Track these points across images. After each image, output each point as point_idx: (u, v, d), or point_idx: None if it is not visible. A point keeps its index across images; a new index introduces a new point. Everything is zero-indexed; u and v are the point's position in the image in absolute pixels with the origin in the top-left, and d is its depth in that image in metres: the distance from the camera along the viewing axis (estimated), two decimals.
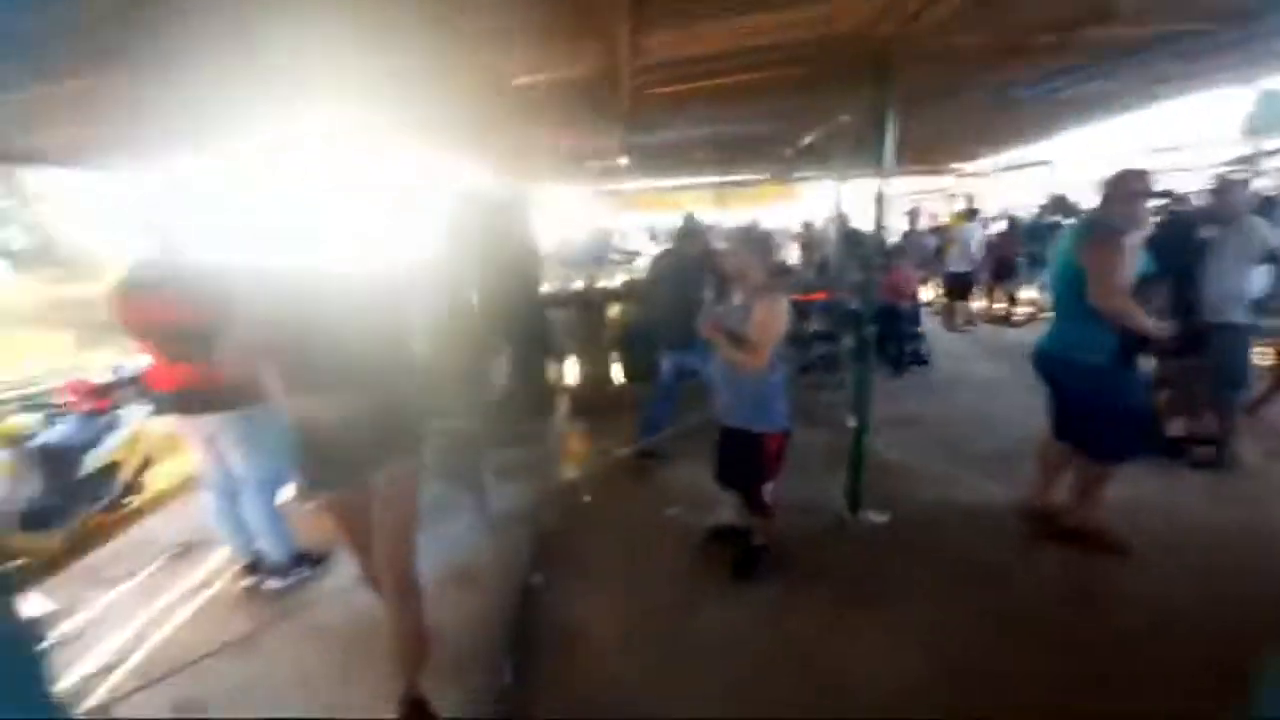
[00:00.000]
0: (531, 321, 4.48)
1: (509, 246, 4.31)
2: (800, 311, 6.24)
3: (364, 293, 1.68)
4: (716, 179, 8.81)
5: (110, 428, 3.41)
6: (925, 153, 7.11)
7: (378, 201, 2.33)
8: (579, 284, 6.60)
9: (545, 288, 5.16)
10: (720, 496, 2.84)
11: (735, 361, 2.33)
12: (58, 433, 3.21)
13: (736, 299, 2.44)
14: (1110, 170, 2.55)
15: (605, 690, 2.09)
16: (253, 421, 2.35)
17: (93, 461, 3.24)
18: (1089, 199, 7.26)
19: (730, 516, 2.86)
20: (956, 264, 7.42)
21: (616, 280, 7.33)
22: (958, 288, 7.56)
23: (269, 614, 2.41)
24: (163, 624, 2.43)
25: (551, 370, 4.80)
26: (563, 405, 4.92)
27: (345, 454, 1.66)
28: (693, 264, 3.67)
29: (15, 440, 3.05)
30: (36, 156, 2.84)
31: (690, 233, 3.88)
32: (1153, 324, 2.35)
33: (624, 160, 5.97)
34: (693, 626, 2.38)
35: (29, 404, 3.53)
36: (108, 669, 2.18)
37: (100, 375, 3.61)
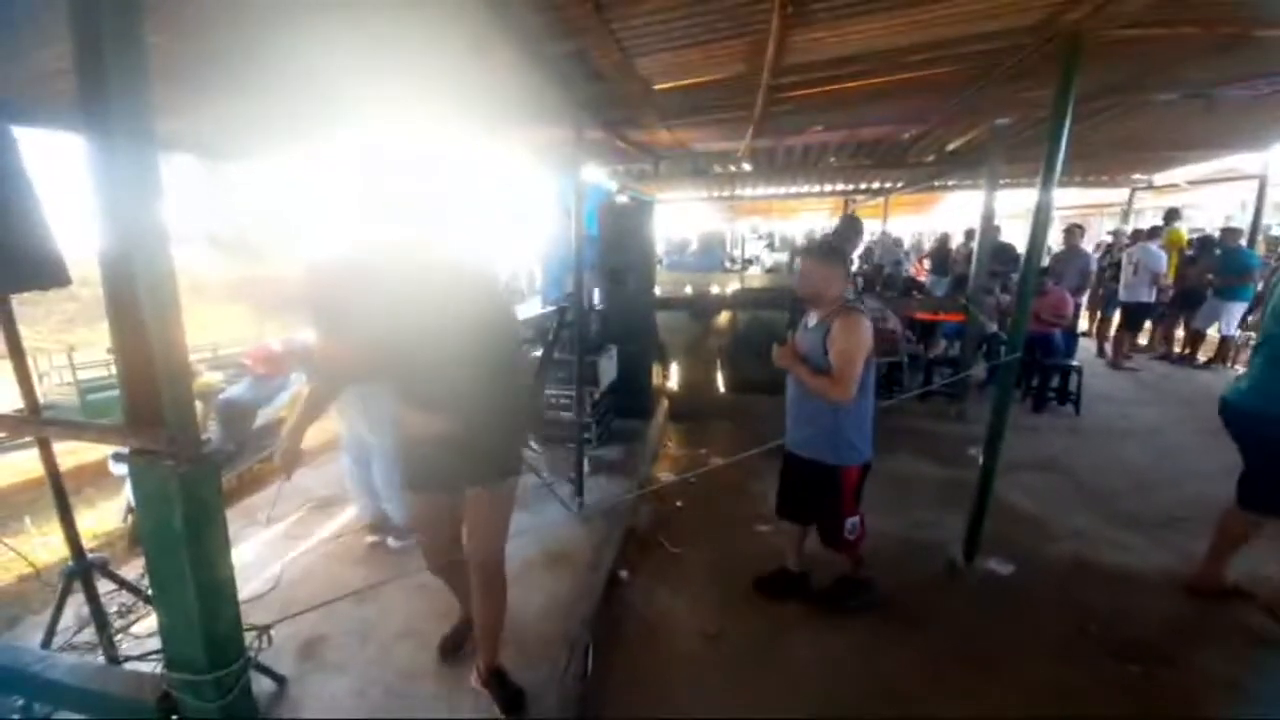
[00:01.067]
0: (640, 323, 4.55)
1: (629, 249, 4.41)
2: (926, 332, 5.79)
3: (484, 321, 1.64)
4: (846, 186, 8.38)
5: (281, 389, 3.96)
6: (1096, 161, 6.26)
7: (500, 205, 2.42)
8: (688, 289, 6.60)
9: (656, 291, 5.21)
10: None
11: (820, 392, 2.08)
12: (239, 390, 3.78)
13: (812, 319, 2.19)
14: None
15: (678, 693, 2.10)
16: (380, 398, 2.59)
17: (263, 418, 3.79)
18: None
19: (793, 562, 2.61)
20: (1134, 291, 6.32)
21: (728, 288, 7.24)
22: (1131, 318, 6.48)
23: (386, 569, 2.65)
24: (300, 565, 2.76)
25: (655, 372, 4.83)
26: (663, 408, 4.93)
27: (436, 467, 1.73)
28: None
29: (205, 395, 3.64)
30: (190, 147, 3.30)
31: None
32: None
33: (747, 166, 5.88)
34: (777, 649, 2.29)
35: (216, 364, 4.20)
36: (256, 598, 2.51)
37: (277, 344, 4.20)
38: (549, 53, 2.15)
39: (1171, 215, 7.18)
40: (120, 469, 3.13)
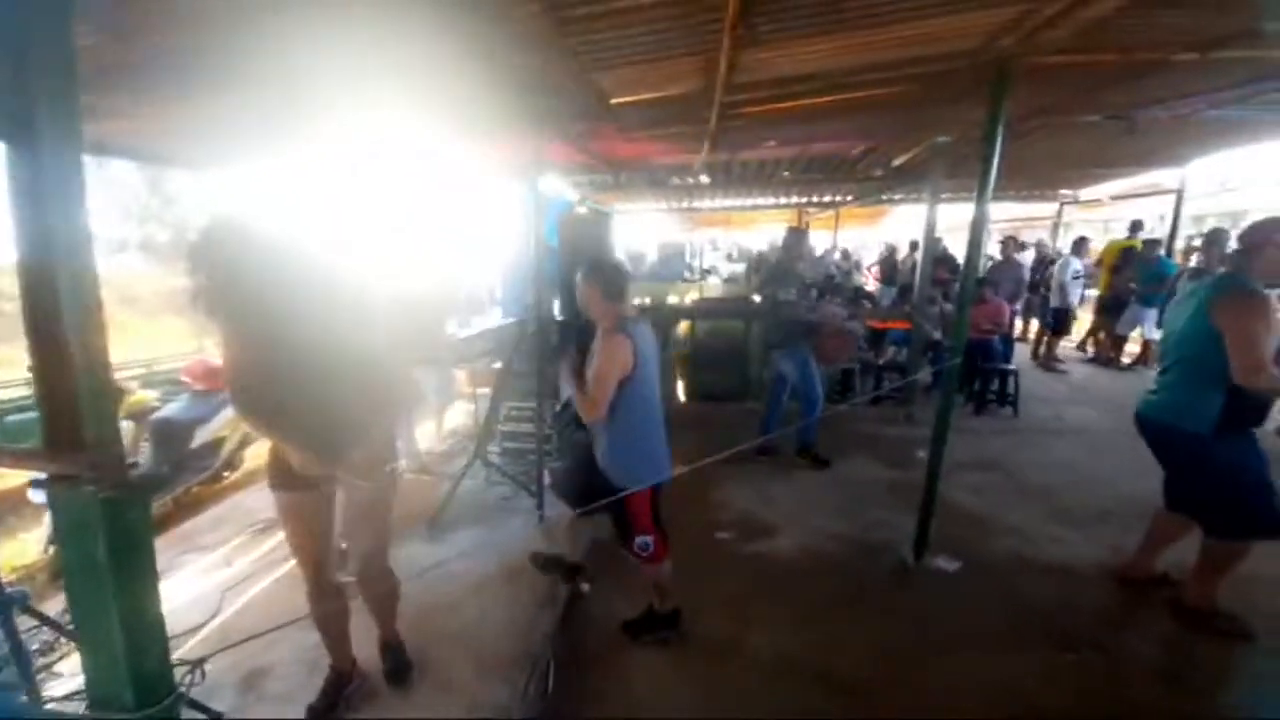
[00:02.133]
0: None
1: (588, 257, 4.41)
2: (876, 339, 6.00)
3: (365, 310, 1.51)
4: (800, 199, 8.65)
5: (222, 406, 3.76)
6: (1028, 177, 6.67)
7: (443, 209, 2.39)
8: (647, 299, 6.65)
9: None
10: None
11: (579, 409, 2.10)
12: (174, 408, 3.57)
13: (597, 339, 2.15)
14: (1251, 214, 2.28)
15: (642, 704, 2.08)
16: None
17: (202, 436, 3.58)
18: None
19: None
20: (1057, 297, 6.88)
21: (687, 298, 7.32)
22: (1053, 324, 7.01)
23: None
24: (242, 593, 2.62)
25: None
26: None
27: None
28: (781, 272, 4.06)
29: (138, 413, 3.42)
30: (131, 153, 3.20)
31: (787, 244, 4.29)
32: None
33: (705, 178, 5.99)
34: (737, 653, 2.31)
35: (150, 381, 3.95)
36: (193, 629, 2.37)
37: (217, 358, 3.99)
38: (510, 65, 2.15)
39: (1135, 226, 7.62)
40: (40, 496, 2.91)
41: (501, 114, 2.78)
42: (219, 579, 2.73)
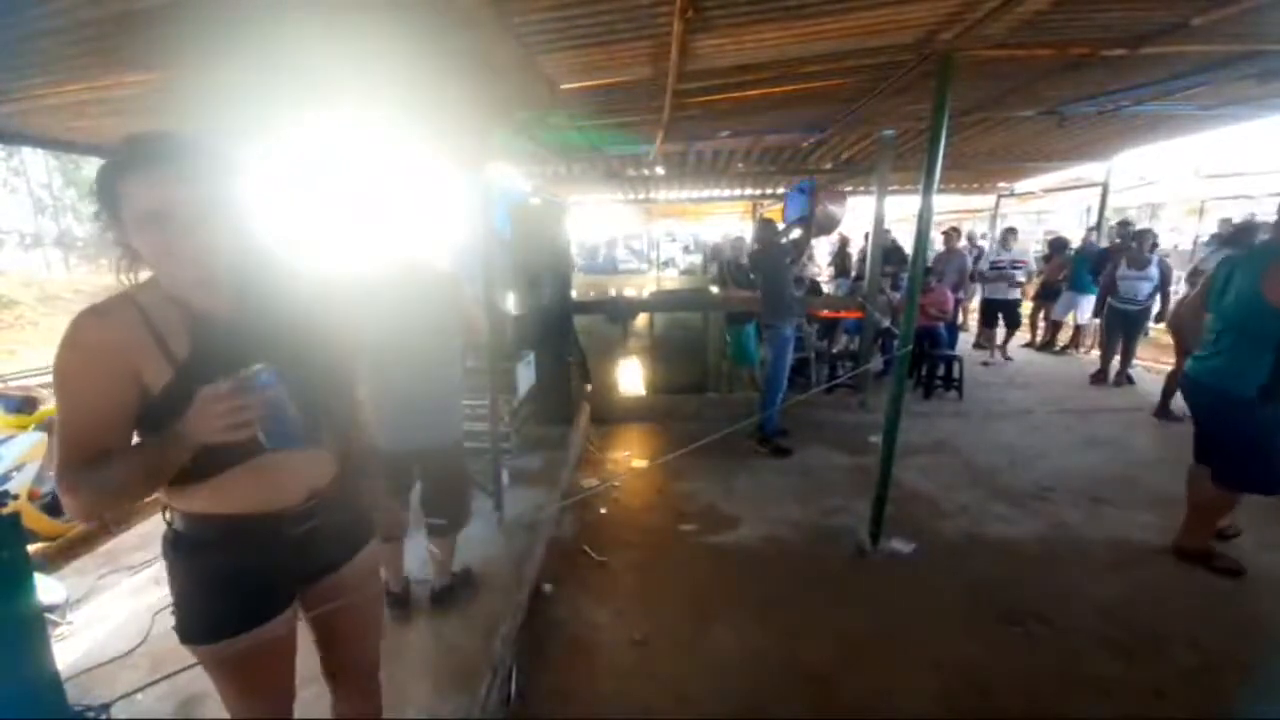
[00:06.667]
0: (558, 327, 4.46)
1: (544, 252, 4.32)
2: (829, 329, 6.14)
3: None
4: (754, 191, 8.74)
5: None
6: (968, 170, 6.92)
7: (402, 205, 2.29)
8: (610, 291, 6.58)
9: (573, 294, 5.13)
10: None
11: None
12: None
13: None
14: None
15: (608, 705, 2.05)
16: None
17: None
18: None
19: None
20: (990, 289, 7.06)
21: (645, 290, 7.29)
22: (987, 312, 7.18)
23: None
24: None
25: (574, 377, 4.76)
26: (585, 413, 4.87)
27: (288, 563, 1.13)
28: (768, 253, 4.21)
29: (51, 425, 3.13)
30: (89, 147, 2.95)
31: (759, 236, 4.45)
32: None
33: (660, 170, 5.96)
34: (703, 647, 2.31)
35: None
36: (120, 657, 2.19)
37: None
38: (448, 47, 2.04)
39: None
40: None
41: (444, 99, 2.66)
42: (148, 600, 2.53)
